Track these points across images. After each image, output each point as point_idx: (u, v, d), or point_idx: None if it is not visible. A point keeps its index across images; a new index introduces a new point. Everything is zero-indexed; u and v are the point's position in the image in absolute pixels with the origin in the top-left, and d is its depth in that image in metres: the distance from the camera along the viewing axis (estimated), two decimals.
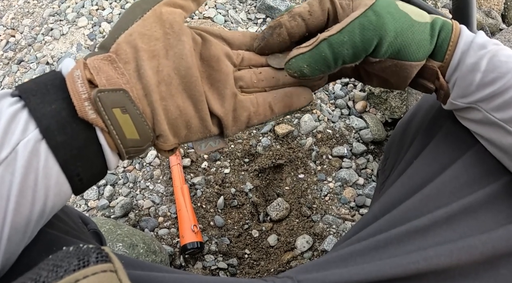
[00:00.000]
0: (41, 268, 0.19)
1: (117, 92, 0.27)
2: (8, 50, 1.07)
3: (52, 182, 0.26)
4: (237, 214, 0.75)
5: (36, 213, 0.26)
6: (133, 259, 0.38)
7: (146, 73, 0.29)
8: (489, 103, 0.31)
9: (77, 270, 0.19)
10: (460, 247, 0.29)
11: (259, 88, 0.34)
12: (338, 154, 0.81)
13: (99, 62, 0.28)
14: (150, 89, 0.29)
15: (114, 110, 0.27)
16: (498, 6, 1.17)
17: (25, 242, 0.27)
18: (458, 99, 0.33)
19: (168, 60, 0.30)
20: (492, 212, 0.31)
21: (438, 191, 0.34)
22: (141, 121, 0.29)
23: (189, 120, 0.31)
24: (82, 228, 0.41)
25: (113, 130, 0.27)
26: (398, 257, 0.30)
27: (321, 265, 0.34)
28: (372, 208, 0.40)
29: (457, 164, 0.34)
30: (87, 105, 0.27)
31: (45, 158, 0.25)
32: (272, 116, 0.34)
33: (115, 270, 0.20)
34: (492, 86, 0.30)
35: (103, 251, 0.20)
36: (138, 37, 0.29)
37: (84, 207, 0.75)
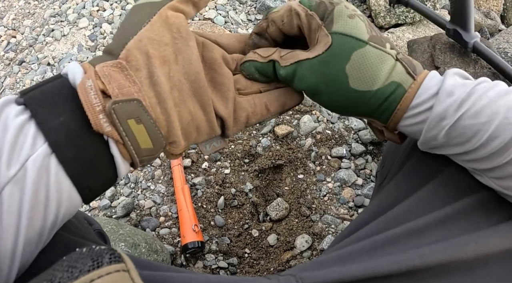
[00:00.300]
0: (56, 269, 0.20)
1: (131, 103, 0.27)
2: (9, 51, 1.08)
3: (63, 196, 0.26)
4: (237, 214, 0.76)
5: (49, 225, 0.26)
6: (140, 259, 0.38)
7: (159, 80, 0.28)
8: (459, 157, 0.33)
9: (92, 270, 0.19)
10: (454, 244, 0.30)
11: (254, 90, 0.35)
12: (337, 155, 0.82)
13: (109, 70, 0.27)
14: (164, 96, 0.29)
15: (129, 122, 0.27)
16: (497, 7, 1.17)
17: (37, 252, 0.27)
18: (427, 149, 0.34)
19: (178, 66, 0.30)
20: (484, 215, 0.32)
21: (432, 195, 0.35)
22: (155, 130, 0.28)
23: (199, 124, 0.31)
24: (87, 229, 0.42)
25: (128, 141, 0.27)
26: (394, 255, 0.31)
27: (322, 263, 0.35)
28: (367, 208, 0.41)
29: (450, 168, 0.35)
30: (101, 118, 0.26)
31: (56, 173, 0.25)
32: (268, 115, 0.36)
33: (128, 269, 0.20)
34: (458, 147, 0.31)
35: (115, 251, 0.21)
36: (149, 42, 0.29)
37: (86, 207, 0.76)
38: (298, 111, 0.86)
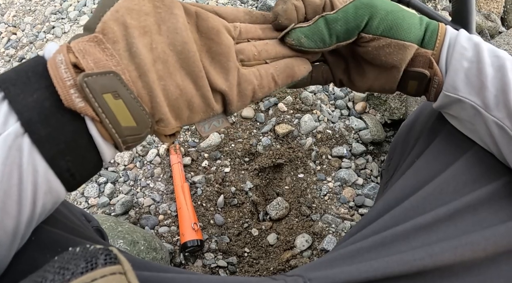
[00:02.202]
0: (47, 270, 0.18)
1: (106, 76, 0.24)
2: (9, 47, 1.07)
3: (39, 179, 0.24)
4: (237, 213, 0.75)
5: (26, 213, 0.24)
6: (138, 259, 0.37)
7: (139, 51, 0.26)
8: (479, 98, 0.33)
9: (85, 272, 0.18)
10: (464, 243, 0.30)
11: (260, 60, 0.33)
12: (338, 154, 0.81)
13: (84, 44, 0.25)
14: (145, 69, 0.26)
15: (105, 96, 0.24)
16: (498, 9, 1.18)
17: (17, 244, 0.25)
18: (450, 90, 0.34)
19: (162, 36, 0.28)
20: (493, 210, 0.31)
21: (440, 189, 0.34)
22: (137, 106, 0.26)
23: (190, 100, 0.29)
24: (86, 225, 0.41)
25: (105, 118, 0.25)
26: (405, 254, 0.31)
27: (329, 262, 0.34)
28: (375, 205, 0.41)
29: (458, 163, 0.35)
30: (73, 92, 0.24)
31: (29, 153, 0.23)
32: (275, 88, 0.34)
33: (124, 272, 0.19)
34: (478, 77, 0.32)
35: (111, 252, 0.19)
36: (126, 13, 0.27)
37: (84, 205, 0.75)
38: (298, 111, 0.85)
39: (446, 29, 0.35)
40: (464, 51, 0.33)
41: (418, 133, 0.43)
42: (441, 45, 0.34)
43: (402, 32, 0.34)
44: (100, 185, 0.77)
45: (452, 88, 0.34)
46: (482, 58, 0.33)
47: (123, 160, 0.79)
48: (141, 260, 0.38)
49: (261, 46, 0.33)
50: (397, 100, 0.85)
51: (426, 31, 0.35)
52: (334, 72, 0.39)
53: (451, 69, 0.34)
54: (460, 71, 0.33)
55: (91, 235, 0.37)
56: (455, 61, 0.33)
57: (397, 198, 0.37)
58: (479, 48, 0.33)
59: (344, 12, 0.34)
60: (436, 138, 0.39)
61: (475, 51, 0.33)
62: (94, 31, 0.26)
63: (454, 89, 0.34)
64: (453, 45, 0.34)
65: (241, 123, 0.84)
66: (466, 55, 0.33)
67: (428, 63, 0.35)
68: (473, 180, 0.34)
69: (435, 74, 0.35)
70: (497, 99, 0.31)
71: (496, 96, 0.32)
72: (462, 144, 0.36)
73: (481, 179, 0.33)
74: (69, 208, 0.39)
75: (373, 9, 0.34)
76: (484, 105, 0.32)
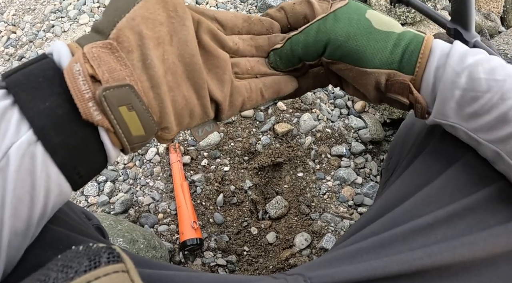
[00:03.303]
0: (50, 268, 0.19)
1: (122, 89, 0.25)
2: (9, 46, 1.07)
3: (52, 184, 0.25)
4: (236, 212, 0.75)
5: (37, 215, 0.25)
6: (140, 257, 0.37)
7: (153, 63, 0.26)
8: (472, 124, 0.31)
9: (88, 271, 0.18)
10: (463, 244, 0.30)
11: (251, 75, 0.35)
12: (337, 153, 0.82)
13: (98, 51, 0.25)
14: (158, 81, 0.27)
15: (121, 109, 0.25)
16: (497, 9, 1.18)
17: (27, 244, 0.26)
18: (440, 117, 0.33)
19: (173, 47, 0.28)
20: (491, 212, 0.31)
21: (439, 192, 0.34)
22: (147, 116, 0.27)
23: (192, 109, 0.30)
24: (86, 224, 0.41)
25: (119, 129, 0.26)
26: (404, 254, 0.31)
27: (329, 261, 0.34)
28: (374, 205, 0.40)
29: (456, 165, 0.35)
30: (91, 106, 0.24)
31: (42, 160, 0.24)
32: (262, 101, 0.36)
33: (127, 270, 0.19)
34: (472, 105, 0.30)
35: (114, 250, 0.19)
36: (142, 22, 0.27)
37: (84, 203, 0.75)
38: (298, 109, 0.86)
39: (431, 48, 0.32)
40: (456, 78, 0.30)
41: (417, 133, 0.43)
42: (424, 68, 0.32)
43: (363, 59, 0.33)
44: (99, 183, 0.77)
45: (442, 116, 0.32)
46: (478, 86, 0.30)
47: (122, 159, 0.79)
48: (142, 257, 0.38)
49: (253, 62, 0.35)
50: None
51: (404, 54, 0.32)
52: (330, 78, 0.40)
53: (440, 97, 0.31)
54: (451, 101, 0.31)
55: (92, 233, 0.37)
56: (445, 90, 0.31)
57: (396, 199, 0.37)
58: (474, 74, 0.30)
59: (305, 35, 0.34)
60: (434, 139, 0.39)
61: (469, 78, 0.30)
62: (107, 36, 0.26)
63: (445, 116, 0.32)
64: (443, 67, 0.31)
65: (240, 122, 0.84)
66: (458, 83, 0.30)
67: (408, 89, 0.33)
68: (470, 183, 0.34)
69: (416, 101, 0.33)
70: (492, 127, 0.30)
71: (493, 126, 0.30)
72: (460, 146, 0.36)
73: (478, 182, 0.33)
74: (70, 206, 0.39)
75: (333, 34, 0.33)
76: (477, 131, 0.31)
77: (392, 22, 0.34)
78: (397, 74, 0.33)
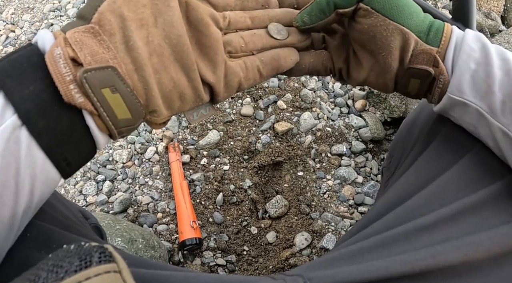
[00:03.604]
0: (40, 268, 0.18)
1: (105, 70, 0.25)
2: (8, 45, 1.07)
3: (37, 170, 0.24)
4: (236, 211, 0.75)
5: (23, 203, 0.24)
6: (135, 257, 0.37)
7: (136, 45, 0.26)
8: (484, 101, 0.31)
9: (79, 271, 0.17)
10: (467, 244, 0.29)
11: (246, 52, 0.33)
12: (337, 152, 0.81)
13: (80, 35, 0.25)
14: (142, 63, 0.26)
15: (103, 91, 0.25)
16: (498, 7, 1.17)
17: (14, 235, 0.26)
18: (455, 93, 0.33)
19: (158, 29, 0.28)
20: (496, 210, 0.31)
21: (442, 189, 0.34)
22: (133, 99, 0.27)
23: (182, 91, 0.29)
24: (83, 223, 0.40)
25: (103, 112, 0.25)
26: (407, 254, 0.30)
27: (329, 262, 0.33)
28: (376, 204, 0.40)
29: (461, 162, 0.34)
30: (72, 88, 0.24)
31: (27, 145, 0.23)
32: (261, 80, 0.34)
33: (119, 270, 0.18)
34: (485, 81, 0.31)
35: (106, 250, 0.19)
36: (124, 4, 0.26)
37: (83, 202, 0.75)
38: (298, 108, 0.85)
39: (452, 28, 0.34)
40: (472, 52, 0.32)
41: (419, 131, 0.42)
42: (447, 44, 0.33)
43: (402, 15, 0.33)
44: (98, 183, 0.76)
45: (457, 91, 0.33)
46: (490, 60, 0.31)
47: (121, 158, 0.79)
48: (138, 257, 0.38)
49: (248, 37, 0.33)
50: (397, 98, 0.84)
51: (431, 27, 0.33)
52: (335, 60, 0.38)
53: (457, 70, 0.32)
54: (466, 73, 0.32)
55: (87, 232, 0.36)
56: (462, 62, 0.32)
57: (399, 197, 0.36)
58: (487, 50, 0.32)
59: None
60: (438, 136, 0.38)
61: (483, 53, 0.32)
62: (90, 21, 0.26)
63: (460, 92, 0.32)
64: (460, 45, 0.33)
65: (240, 121, 0.84)
66: (473, 56, 0.32)
67: (433, 61, 0.33)
68: (476, 180, 0.33)
69: (440, 73, 0.33)
70: (503, 105, 0.31)
71: (503, 102, 0.30)
72: (464, 143, 0.36)
73: (483, 179, 0.33)
74: (65, 204, 0.38)
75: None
76: (489, 110, 0.31)
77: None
78: (426, 46, 0.33)
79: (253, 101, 0.86)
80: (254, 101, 0.86)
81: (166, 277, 0.32)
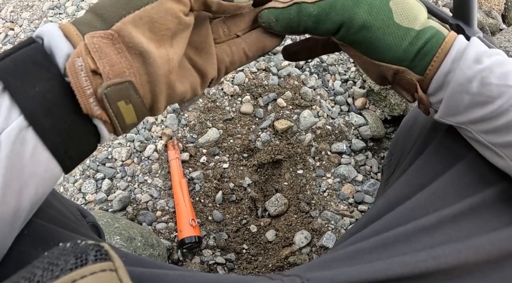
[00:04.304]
0: (36, 266, 0.18)
1: (123, 85, 0.26)
2: (7, 43, 1.06)
3: (41, 169, 0.25)
4: (236, 209, 0.75)
5: (26, 200, 0.25)
6: (133, 255, 0.37)
7: (155, 62, 0.27)
8: (478, 126, 0.31)
9: (74, 269, 0.17)
10: (468, 246, 0.29)
11: (230, 35, 0.33)
12: (337, 150, 0.81)
13: (100, 42, 0.25)
14: (157, 79, 0.27)
15: (119, 103, 0.26)
16: (499, 6, 1.17)
17: (16, 233, 0.26)
18: (446, 117, 0.32)
19: (174, 48, 0.29)
20: (497, 212, 0.31)
21: (443, 190, 0.33)
22: (142, 107, 0.28)
23: (185, 96, 0.31)
24: (80, 221, 0.40)
25: (116, 121, 0.27)
26: (407, 255, 0.30)
27: (328, 262, 0.33)
28: (376, 203, 0.40)
29: (462, 163, 0.34)
30: (92, 101, 0.25)
31: (33, 146, 0.24)
32: (248, 61, 0.34)
33: (115, 268, 0.18)
34: (481, 110, 0.30)
35: (102, 248, 0.19)
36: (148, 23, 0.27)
37: (81, 200, 0.74)
38: (298, 106, 0.85)
39: (450, 48, 0.30)
40: (467, 83, 0.29)
41: (420, 130, 0.42)
42: (436, 70, 0.31)
43: (374, 51, 0.31)
44: (97, 181, 0.76)
45: (449, 117, 0.32)
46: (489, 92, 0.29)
47: (120, 156, 0.79)
48: (135, 255, 0.38)
49: (229, 20, 0.33)
50: (397, 97, 0.84)
51: (418, 53, 0.31)
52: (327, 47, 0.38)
53: (448, 100, 0.31)
54: (459, 105, 0.30)
55: (84, 230, 0.36)
56: (454, 94, 0.30)
57: (399, 197, 0.36)
58: (486, 79, 0.29)
59: (320, 9, 0.31)
60: (438, 136, 0.38)
61: (481, 83, 0.29)
62: (111, 26, 0.26)
63: (452, 118, 0.32)
64: (454, 71, 0.30)
65: (239, 119, 0.83)
66: (468, 88, 0.29)
67: (414, 89, 0.32)
68: (477, 181, 0.33)
69: (419, 101, 0.32)
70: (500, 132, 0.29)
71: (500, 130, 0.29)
72: (466, 143, 0.35)
73: (484, 180, 0.32)
74: (63, 203, 0.38)
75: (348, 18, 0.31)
76: (483, 133, 0.31)
77: (415, 13, 0.31)
78: (406, 72, 0.32)
79: (252, 99, 0.86)
80: (254, 99, 0.86)
81: (162, 276, 0.31)
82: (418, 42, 0.31)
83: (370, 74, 0.35)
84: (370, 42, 0.31)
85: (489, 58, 0.29)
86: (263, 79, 0.87)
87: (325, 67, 0.93)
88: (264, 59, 0.92)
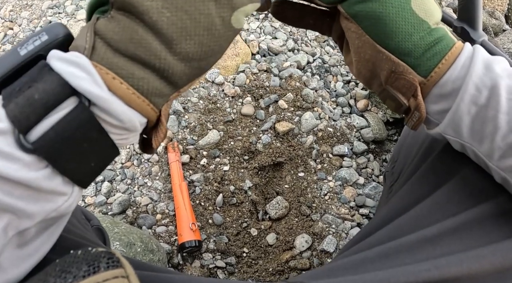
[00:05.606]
0: (48, 273, 0.18)
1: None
2: (6, 43, 1.06)
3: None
4: (236, 212, 0.74)
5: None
6: (137, 261, 0.37)
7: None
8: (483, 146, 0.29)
9: (87, 276, 0.18)
10: (470, 257, 0.29)
11: None
12: (339, 153, 0.80)
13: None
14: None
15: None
16: (502, 6, 1.16)
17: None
18: (450, 133, 0.30)
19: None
20: (499, 224, 0.30)
21: (446, 199, 0.33)
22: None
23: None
24: (85, 225, 0.40)
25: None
26: (410, 265, 0.30)
27: (332, 271, 0.33)
28: (379, 211, 0.39)
29: (465, 172, 0.34)
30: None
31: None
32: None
33: (127, 275, 0.19)
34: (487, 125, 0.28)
35: (114, 255, 0.19)
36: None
37: (81, 203, 0.74)
38: (299, 108, 0.84)
39: (459, 55, 0.28)
40: (477, 94, 0.27)
41: (425, 136, 0.41)
42: (443, 74, 0.28)
43: (380, 31, 0.27)
44: (97, 183, 0.76)
45: (453, 132, 0.29)
46: (498, 105, 0.26)
47: (120, 158, 0.78)
48: (140, 262, 0.38)
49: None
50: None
51: (427, 51, 0.28)
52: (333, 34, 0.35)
53: (455, 113, 0.28)
54: (466, 118, 0.28)
55: (89, 236, 0.36)
56: (463, 105, 0.27)
57: (403, 205, 0.36)
58: (495, 90, 0.26)
59: None
60: (442, 145, 0.37)
61: (489, 93, 0.27)
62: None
63: (456, 134, 0.29)
64: (462, 78, 0.27)
65: (240, 120, 0.83)
66: (477, 100, 0.27)
67: (413, 91, 0.28)
68: (479, 192, 0.32)
69: (416, 108, 0.29)
70: (504, 153, 0.28)
71: (505, 151, 0.27)
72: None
73: (487, 191, 0.32)
74: None
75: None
76: (487, 154, 0.29)
77: (433, 9, 0.29)
78: (408, 70, 0.28)
79: (253, 100, 0.85)
80: (255, 100, 0.85)
81: (169, 279, 0.32)
82: (429, 39, 0.28)
83: (361, 67, 0.30)
84: (379, 18, 0.27)
85: (499, 64, 0.28)
86: (264, 80, 0.86)
87: (327, 68, 0.92)
88: (266, 60, 0.91)
